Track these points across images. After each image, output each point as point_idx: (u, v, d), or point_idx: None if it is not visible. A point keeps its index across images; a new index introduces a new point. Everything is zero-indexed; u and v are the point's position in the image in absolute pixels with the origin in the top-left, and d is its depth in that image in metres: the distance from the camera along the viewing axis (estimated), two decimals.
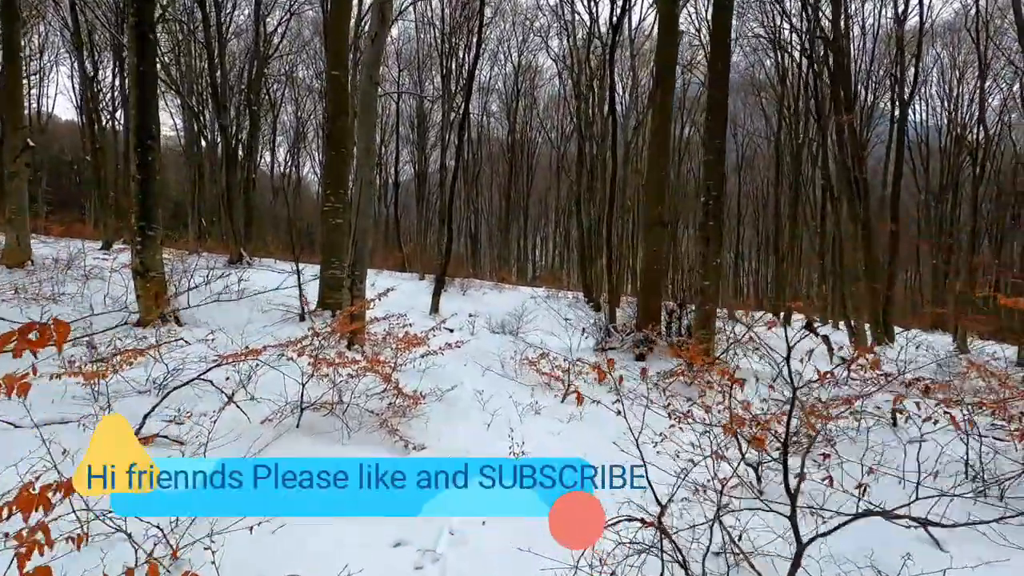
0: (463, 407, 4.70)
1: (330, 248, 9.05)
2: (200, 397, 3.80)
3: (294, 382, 3.88)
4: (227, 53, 27.47)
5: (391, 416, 3.81)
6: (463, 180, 32.22)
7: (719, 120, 6.64)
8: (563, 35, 25.34)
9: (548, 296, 23.24)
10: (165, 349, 4.64)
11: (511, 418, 4.41)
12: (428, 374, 5.64)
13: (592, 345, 9.34)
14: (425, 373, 5.67)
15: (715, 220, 6.78)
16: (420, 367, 5.70)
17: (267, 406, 3.78)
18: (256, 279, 13.70)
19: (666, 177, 9.50)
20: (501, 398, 4.93)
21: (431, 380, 5.25)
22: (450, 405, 4.67)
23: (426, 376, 5.52)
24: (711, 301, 6.87)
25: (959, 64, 28.93)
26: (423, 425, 3.93)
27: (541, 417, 4.60)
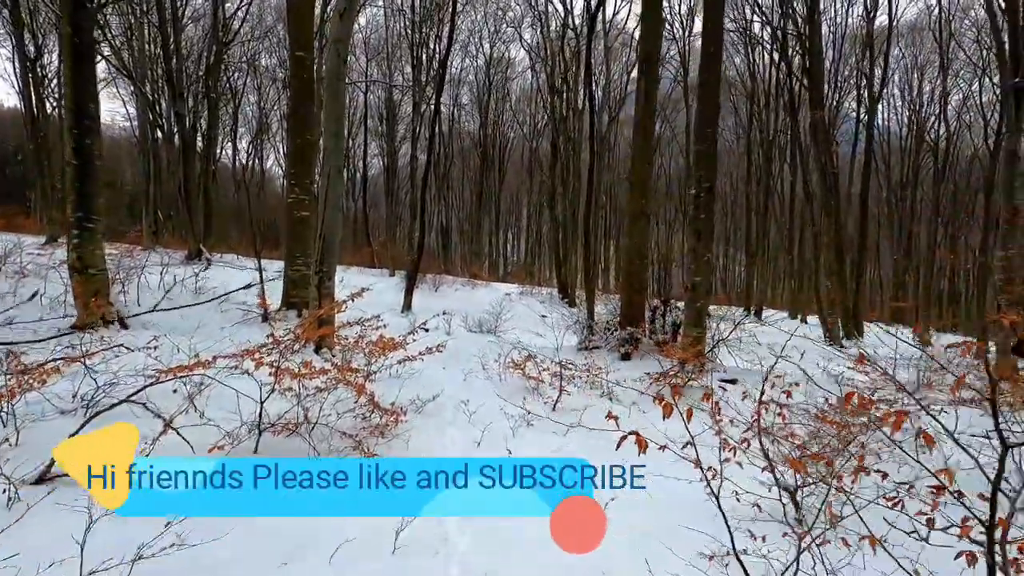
0: (447, 420, 4.22)
1: (295, 242, 8.41)
2: (139, 417, 3.23)
3: (252, 399, 3.34)
4: (184, 38, 26.12)
5: (367, 435, 3.31)
6: (434, 175, 31.49)
7: (711, 106, 6.31)
8: (536, 26, 24.88)
9: (522, 292, 22.83)
10: (99, 358, 4.02)
11: (502, 431, 3.95)
12: (404, 382, 5.13)
13: (575, 344, 8.96)
14: (402, 380, 5.17)
15: (707, 213, 6.46)
16: (397, 374, 5.19)
17: (219, 428, 3.23)
18: (215, 277, 12.87)
19: (651, 168, 9.17)
20: (488, 408, 4.47)
21: (409, 388, 4.75)
22: (432, 418, 4.19)
23: (404, 383, 5.01)
24: (703, 298, 6.55)
25: (920, 64, 29.66)
26: (404, 445, 3.44)
27: (535, 430, 4.15)
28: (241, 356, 3.20)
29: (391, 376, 5.12)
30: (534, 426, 4.22)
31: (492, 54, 32.13)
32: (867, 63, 20.22)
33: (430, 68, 24.60)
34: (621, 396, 5.36)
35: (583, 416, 4.42)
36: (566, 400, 5.01)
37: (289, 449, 3.07)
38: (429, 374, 5.63)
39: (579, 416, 4.42)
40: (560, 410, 4.84)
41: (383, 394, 4.20)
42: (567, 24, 22.41)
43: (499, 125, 35.99)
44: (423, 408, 4.30)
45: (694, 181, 6.52)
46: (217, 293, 10.79)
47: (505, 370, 5.86)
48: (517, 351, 6.40)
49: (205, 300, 8.40)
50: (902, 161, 31.24)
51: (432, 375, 5.62)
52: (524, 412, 4.33)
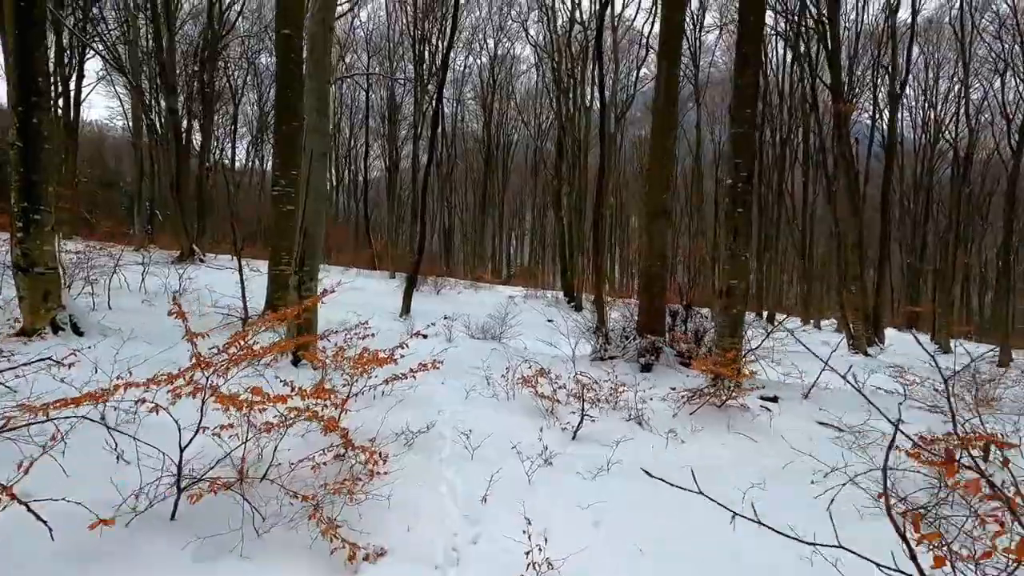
0: (444, 458, 3.37)
1: (280, 239, 7.62)
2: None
3: (193, 431, 2.52)
4: (182, 35, 25.47)
5: (336, 489, 2.46)
6: (437, 175, 30.74)
7: (750, 83, 5.50)
8: (543, 21, 24.12)
9: (527, 296, 22.03)
10: (11, 375, 3.21)
11: (514, 475, 3.09)
12: (394, 402, 4.30)
13: (588, 353, 8.13)
14: (391, 401, 4.34)
15: (745, 207, 5.64)
16: (387, 392, 4.36)
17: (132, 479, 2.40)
18: (203, 278, 12.09)
19: (671, 161, 8.35)
20: (496, 440, 3.62)
21: (399, 412, 3.92)
22: (426, 455, 3.35)
23: (391, 405, 4.19)
24: (739, 303, 5.73)
25: (936, 61, 28.81)
26: (382, 505, 2.57)
27: (556, 472, 3.30)
28: (171, 379, 2.37)
29: (379, 396, 4.29)
30: (553, 465, 3.37)
31: (496, 51, 31.40)
32: (887, 57, 19.39)
33: (433, 64, 23.89)
34: (652, 420, 4.52)
35: (615, 450, 3.59)
36: (588, 426, 4.17)
37: (220, 515, 2.23)
38: (425, 391, 4.80)
39: (610, 452, 3.58)
40: (582, 440, 4.00)
41: (361, 425, 3.37)
42: (574, 18, 21.67)
43: (503, 125, 35.23)
44: (414, 441, 3.46)
45: (730, 169, 5.70)
46: (203, 295, 10.03)
47: (513, 386, 5.03)
48: (527, 363, 5.57)
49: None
50: (916, 162, 30.38)
51: (428, 392, 4.79)
52: (540, 444, 3.49)
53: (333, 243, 33.36)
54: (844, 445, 4.47)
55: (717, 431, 4.48)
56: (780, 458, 3.94)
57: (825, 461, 3.92)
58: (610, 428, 4.24)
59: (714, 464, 3.76)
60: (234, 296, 9.19)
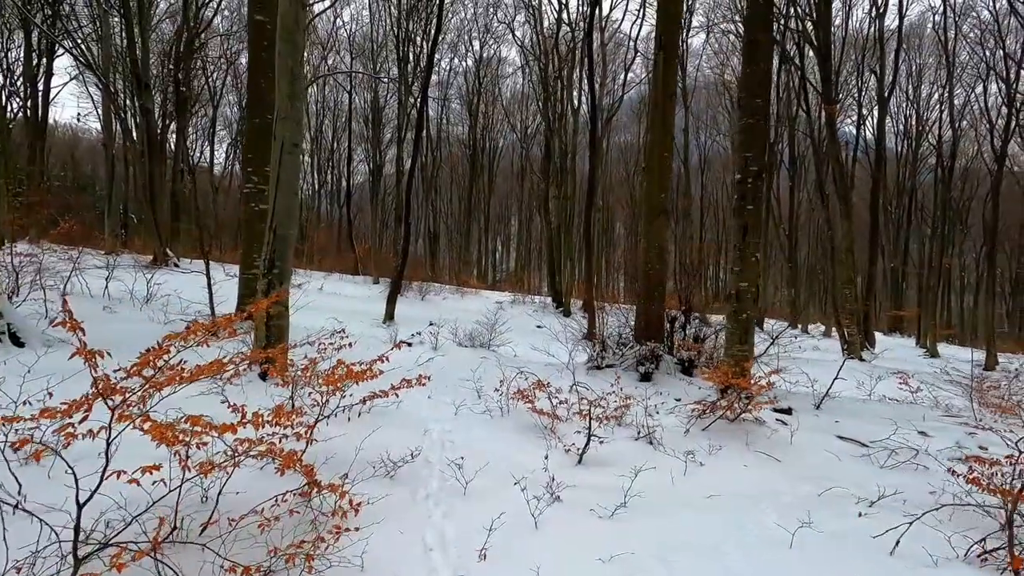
0: (431, 495, 2.84)
1: (252, 239, 7.04)
2: None
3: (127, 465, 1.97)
4: (157, 36, 24.67)
5: (291, 556, 1.92)
6: (421, 179, 30.20)
7: (761, 70, 5.10)
8: (529, 22, 23.78)
9: (514, 301, 21.55)
10: None
11: (517, 518, 2.56)
12: (374, 420, 3.78)
13: (583, 361, 7.65)
14: (370, 419, 3.81)
15: (755, 203, 5.22)
16: (366, 410, 3.83)
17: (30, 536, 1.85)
18: (173, 283, 11.40)
19: (670, 158, 7.95)
20: (493, 469, 3.10)
21: (379, 435, 3.38)
22: (409, 490, 2.82)
23: (371, 425, 3.66)
24: (750, 307, 5.30)
25: (917, 67, 29.08)
26: (355, 569, 2.04)
27: (565, 508, 2.78)
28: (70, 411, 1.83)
29: (356, 416, 3.75)
30: (563, 500, 2.86)
31: (482, 54, 31.01)
32: (871, 61, 19.38)
33: (417, 65, 23.39)
34: (663, 438, 4.05)
35: (630, 477, 3.10)
36: (595, 447, 3.68)
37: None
38: (410, 407, 4.28)
39: (625, 481, 3.08)
40: (590, 464, 3.51)
41: (334, 456, 2.84)
42: (561, 19, 21.35)
43: (489, 129, 34.81)
44: (396, 472, 2.93)
45: (739, 163, 5.29)
46: (171, 301, 9.39)
47: (508, 400, 4.53)
48: (522, 374, 5.07)
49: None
50: (898, 168, 30.62)
51: (413, 408, 4.27)
52: (546, 477, 2.97)
53: (315, 248, 32.62)
54: (875, 464, 4.05)
55: (736, 450, 4.02)
56: (812, 483, 3.49)
57: (862, 485, 3.49)
58: (619, 449, 3.76)
59: (741, 491, 3.30)
60: (204, 302, 8.60)
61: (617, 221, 41.05)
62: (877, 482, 3.51)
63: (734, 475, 3.54)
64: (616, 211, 39.97)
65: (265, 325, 4.70)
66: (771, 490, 3.36)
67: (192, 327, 2.20)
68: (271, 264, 4.79)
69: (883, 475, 3.77)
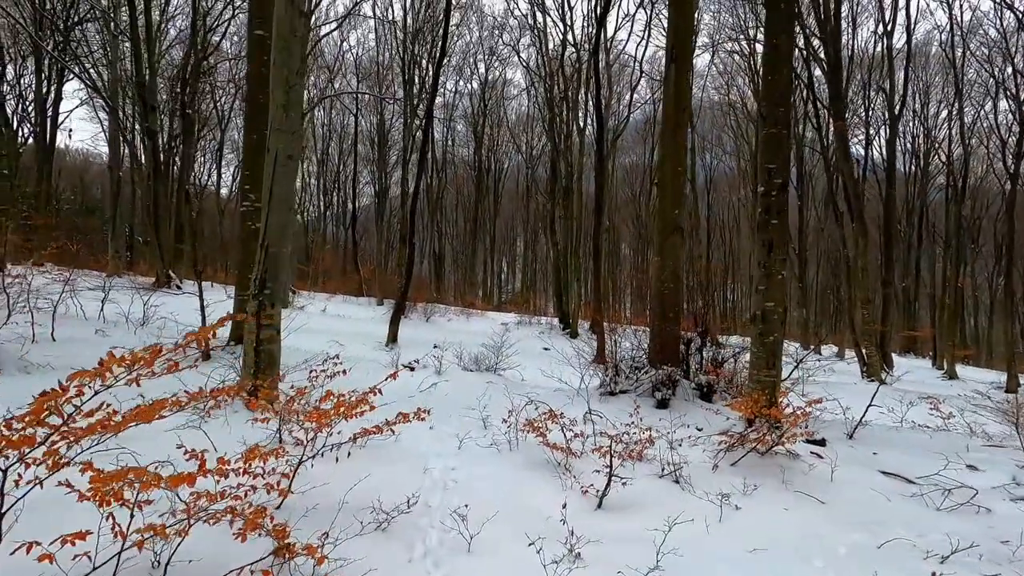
0: (430, 553, 2.43)
1: (248, 259, 6.73)
2: None
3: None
4: (166, 59, 24.96)
5: None
6: (427, 201, 30.13)
7: (782, 78, 4.81)
8: (535, 44, 23.85)
9: (520, 322, 21.16)
10: None
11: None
12: (368, 458, 3.39)
13: (595, 386, 7.24)
14: (364, 453, 3.43)
15: (780, 217, 4.88)
16: (361, 444, 3.44)
17: None
18: (172, 305, 11.12)
19: (684, 173, 7.64)
20: (501, 518, 2.69)
21: (375, 469, 2.99)
22: (404, 548, 2.41)
23: (364, 463, 3.27)
24: (777, 329, 4.92)
25: (924, 85, 28.95)
26: None
27: (588, 572, 2.38)
28: None
29: (346, 456, 3.36)
30: (584, 559, 2.45)
31: (487, 76, 31.18)
32: (877, 80, 19.22)
33: (423, 87, 23.45)
34: (691, 476, 3.63)
35: (661, 530, 2.69)
36: (616, 487, 3.27)
37: None
38: (409, 441, 3.89)
39: (655, 533, 2.67)
40: (612, 509, 3.10)
41: (316, 505, 2.45)
42: (567, 40, 21.38)
43: (494, 150, 34.86)
44: (389, 524, 2.53)
45: (762, 176, 4.97)
46: (167, 324, 9.10)
47: (517, 432, 4.13)
48: (532, 403, 4.68)
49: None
50: (907, 186, 30.32)
51: (412, 443, 3.87)
52: (564, 530, 2.56)
53: (321, 269, 32.47)
54: (929, 505, 3.61)
55: (772, 489, 3.60)
56: (865, 529, 3.07)
57: (923, 532, 3.06)
58: (643, 490, 3.35)
59: (786, 540, 2.89)
60: (201, 325, 8.27)
61: (623, 242, 40.80)
62: (939, 529, 3.08)
63: (775, 520, 3.12)
64: (622, 231, 39.73)
65: (254, 350, 4.35)
66: (820, 539, 2.93)
67: (132, 356, 1.84)
68: (262, 284, 4.46)
69: (942, 520, 3.34)
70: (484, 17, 30.07)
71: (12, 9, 19.54)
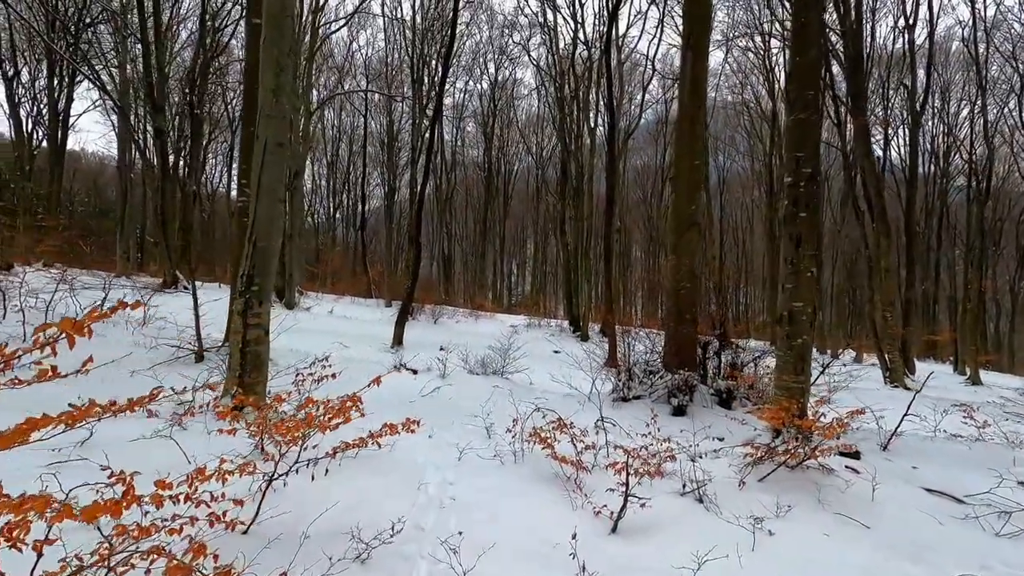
0: None
1: None
2: None
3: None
4: (177, 61, 24.98)
5: None
6: (436, 201, 29.88)
7: (811, 58, 4.42)
8: (545, 43, 23.53)
9: (529, 325, 20.81)
10: None
11: None
12: (357, 470, 3.06)
13: (608, 391, 6.86)
14: (352, 468, 3.09)
15: (809, 210, 4.48)
16: (343, 457, 3.11)
17: None
18: (174, 305, 10.92)
19: (700, 167, 7.24)
20: (504, 547, 2.32)
21: (364, 482, 2.66)
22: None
23: (350, 477, 2.93)
24: (806, 332, 4.52)
25: (944, 82, 28.21)
26: None
27: None
28: None
29: (329, 469, 3.03)
30: None
31: (497, 77, 30.89)
32: (904, 76, 18.64)
33: (432, 87, 23.21)
34: (716, 494, 3.25)
35: (690, 568, 2.32)
36: (634, 510, 2.90)
37: None
38: (403, 453, 3.55)
39: (678, 567, 2.31)
40: (628, 533, 2.74)
41: (281, 535, 2.11)
42: (577, 38, 21.02)
43: (504, 151, 34.55)
44: (370, 555, 2.19)
45: (789, 165, 4.58)
46: (166, 324, 8.90)
47: (523, 442, 3.78)
48: (539, 410, 4.32)
49: None
50: (926, 187, 29.57)
51: (407, 454, 3.54)
52: (575, 564, 2.21)
53: (329, 271, 32.34)
54: (987, 529, 3.20)
55: (808, 510, 3.21)
56: (923, 563, 2.67)
57: (989, 565, 2.66)
58: (662, 510, 2.98)
59: (831, 573, 2.50)
60: (203, 325, 8.04)
61: (634, 244, 40.30)
62: (1003, 559, 2.69)
63: (815, 550, 2.73)
64: (633, 233, 39.23)
65: (240, 351, 4.04)
66: (868, 572, 2.55)
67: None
68: (249, 280, 4.15)
69: (1004, 548, 2.93)
70: (494, 16, 29.77)
71: (26, 13, 19.65)
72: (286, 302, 15.75)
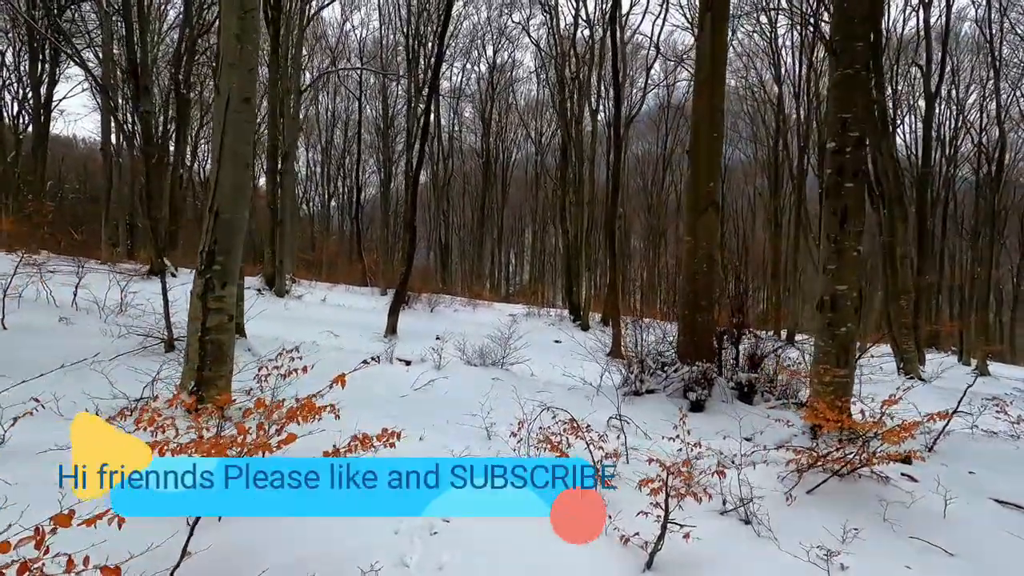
0: None
1: None
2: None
3: None
4: (164, 39, 24.16)
5: None
6: (433, 189, 29.18)
7: (861, 3, 3.81)
8: (546, 23, 22.76)
9: (528, 314, 20.27)
10: None
11: None
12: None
13: (617, 384, 6.31)
14: None
15: (856, 180, 3.88)
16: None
17: None
18: (150, 290, 10.30)
19: (719, 140, 6.65)
20: None
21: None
22: None
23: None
24: (850, 319, 3.95)
25: (953, 66, 27.54)
26: None
27: None
28: None
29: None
30: None
31: (495, 60, 30.06)
32: (918, 56, 18.03)
33: (428, 68, 22.46)
34: (766, 514, 2.70)
35: None
36: (675, 540, 2.34)
37: None
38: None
39: None
40: (665, 570, 2.18)
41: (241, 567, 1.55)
42: (579, 17, 20.26)
43: (502, 137, 33.77)
44: None
45: (833, 129, 3.99)
46: (145, 311, 8.29)
47: (529, 448, 3.22)
48: (547, 408, 3.76)
49: None
50: (937, 175, 29.00)
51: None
52: None
53: (324, 259, 31.66)
54: None
55: (877, 532, 2.65)
56: None
57: None
58: (703, 536, 2.41)
59: None
60: (182, 311, 7.43)
61: (633, 234, 39.66)
62: None
63: None
64: (633, 223, 38.59)
65: (199, 340, 3.45)
66: None
67: None
68: (210, 258, 3.55)
69: None
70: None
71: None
72: (276, 290, 15.14)
